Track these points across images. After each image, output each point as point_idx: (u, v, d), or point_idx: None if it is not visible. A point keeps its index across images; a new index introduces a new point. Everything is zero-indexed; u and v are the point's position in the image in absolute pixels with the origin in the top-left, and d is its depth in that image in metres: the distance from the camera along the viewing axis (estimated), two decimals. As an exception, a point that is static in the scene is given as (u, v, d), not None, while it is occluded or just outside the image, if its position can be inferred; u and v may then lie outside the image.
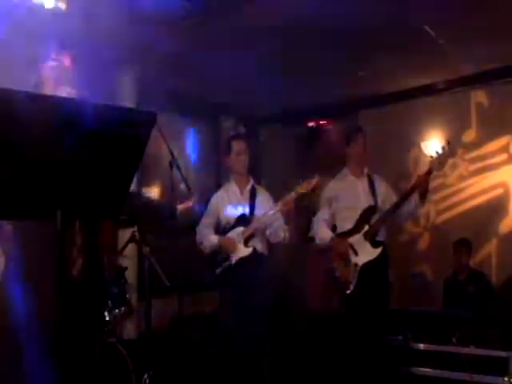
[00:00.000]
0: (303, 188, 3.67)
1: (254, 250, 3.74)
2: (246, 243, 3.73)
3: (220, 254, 3.80)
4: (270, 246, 3.96)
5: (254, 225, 3.74)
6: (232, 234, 3.77)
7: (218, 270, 3.76)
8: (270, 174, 6.92)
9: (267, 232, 3.82)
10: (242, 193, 3.91)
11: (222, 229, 3.88)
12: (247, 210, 3.83)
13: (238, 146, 3.91)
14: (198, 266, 3.96)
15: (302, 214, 4.88)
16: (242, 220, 3.79)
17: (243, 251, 3.72)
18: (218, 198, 3.96)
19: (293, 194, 3.65)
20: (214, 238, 3.82)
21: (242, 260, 3.72)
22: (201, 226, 3.94)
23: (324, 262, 4.04)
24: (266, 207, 3.84)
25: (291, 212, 3.68)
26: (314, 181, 3.70)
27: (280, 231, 3.82)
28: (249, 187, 3.93)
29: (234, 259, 3.73)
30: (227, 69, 5.08)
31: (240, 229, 3.76)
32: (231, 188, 3.95)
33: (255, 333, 3.65)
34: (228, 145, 3.96)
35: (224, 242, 3.76)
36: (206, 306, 4.93)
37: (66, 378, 1.57)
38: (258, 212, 3.82)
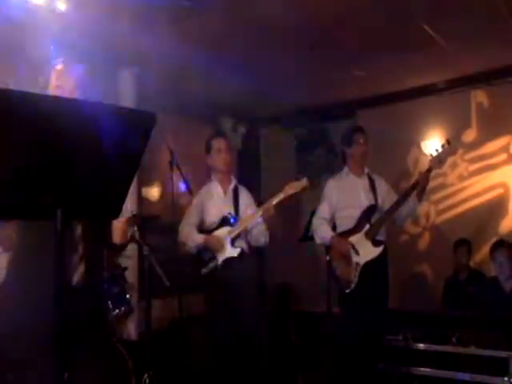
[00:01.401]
0: (288, 191, 3.66)
1: (242, 250, 3.73)
2: (232, 243, 3.71)
3: (205, 253, 3.74)
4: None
5: (240, 225, 3.71)
6: (218, 234, 3.73)
7: (205, 270, 3.71)
8: (269, 174, 6.93)
9: (248, 236, 3.81)
10: (225, 192, 3.87)
11: (205, 229, 3.82)
12: (232, 210, 3.79)
13: (218, 143, 3.87)
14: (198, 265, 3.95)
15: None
16: (227, 220, 3.75)
17: (231, 251, 3.68)
18: (200, 197, 3.89)
19: (273, 201, 3.64)
20: (199, 238, 3.73)
21: (230, 260, 3.68)
22: (183, 225, 3.84)
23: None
24: (250, 207, 3.84)
25: (271, 218, 3.68)
26: (302, 183, 3.69)
27: (261, 236, 3.81)
28: (232, 187, 3.90)
29: (220, 259, 3.69)
30: (227, 69, 5.08)
31: (226, 229, 3.72)
32: (214, 188, 3.89)
33: (249, 333, 3.63)
34: (209, 143, 3.92)
35: (211, 241, 3.69)
36: (205, 307, 4.93)
37: (67, 380, 1.57)
38: (242, 212, 3.81)
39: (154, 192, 5.62)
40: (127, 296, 4.00)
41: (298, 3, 4.00)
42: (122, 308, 3.91)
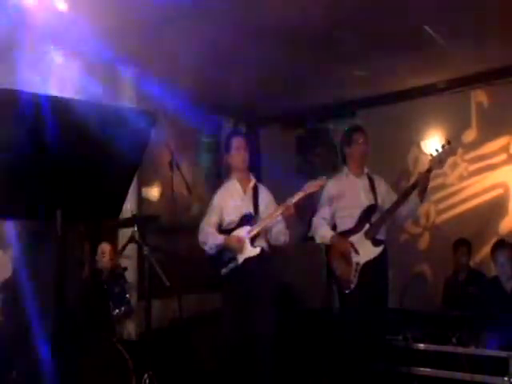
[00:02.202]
0: (307, 190, 3.66)
1: (262, 249, 3.72)
2: (252, 243, 3.71)
3: (226, 253, 3.71)
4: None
5: (260, 224, 3.70)
6: (237, 233, 3.71)
7: (224, 270, 3.68)
8: (269, 174, 6.93)
9: (268, 235, 3.80)
10: (245, 191, 3.85)
11: (225, 228, 3.81)
12: (251, 209, 3.77)
13: (237, 142, 3.88)
14: (199, 265, 3.95)
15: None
16: (247, 219, 3.73)
17: (251, 251, 3.66)
18: (220, 196, 3.88)
19: (293, 199, 3.64)
20: (219, 238, 3.71)
21: (250, 260, 3.66)
22: (204, 225, 3.82)
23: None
24: (270, 206, 3.82)
25: (291, 217, 3.67)
26: (321, 181, 3.69)
27: (281, 235, 3.80)
28: (251, 185, 3.88)
29: (241, 259, 3.67)
30: (227, 69, 5.08)
31: (246, 228, 3.70)
32: (234, 186, 3.87)
33: (263, 333, 3.62)
34: (227, 142, 3.94)
35: (232, 241, 3.66)
36: (206, 306, 4.93)
37: (71, 377, 1.58)
38: (262, 211, 3.80)
39: (154, 192, 5.62)
40: (127, 296, 4.00)
41: (299, 3, 4.00)
42: (122, 308, 3.91)
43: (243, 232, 3.70)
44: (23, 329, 1.94)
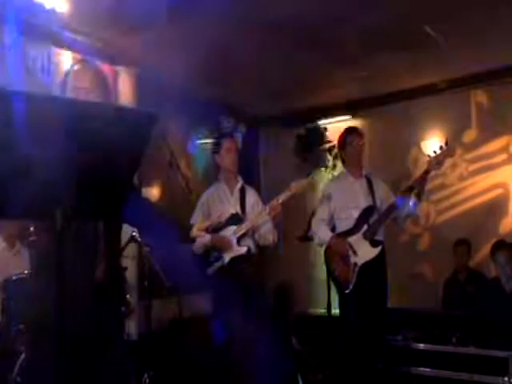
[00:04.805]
0: (294, 189, 3.66)
1: (249, 248, 3.73)
2: (238, 242, 3.73)
3: (212, 253, 3.75)
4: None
5: (247, 224, 3.73)
6: (224, 233, 3.75)
7: (211, 270, 3.72)
8: (269, 173, 6.93)
9: (256, 235, 3.82)
10: (232, 192, 3.89)
11: (212, 228, 3.82)
12: (238, 210, 3.81)
13: (227, 143, 3.91)
14: (198, 265, 3.95)
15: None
16: (234, 219, 3.77)
17: (237, 250, 3.70)
18: (207, 197, 3.92)
19: (279, 199, 3.64)
20: (205, 237, 3.72)
21: (236, 259, 3.69)
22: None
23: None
24: (256, 207, 3.84)
25: (278, 216, 3.67)
26: (308, 181, 3.69)
27: (269, 235, 3.82)
28: (238, 186, 3.91)
29: (227, 258, 3.70)
30: (227, 68, 5.08)
31: (232, 228, 3.74)
32: (221, 187, 3.92)
33: (253, 333, 3.63)
34: (217, 143, 3.95)
35: (218, 241, 3.71)
36: (205, 307, 4.93)
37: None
38: (248, 211, 3.82)
39: (154, 192, 5.61)
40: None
41: (298, 3, 4.00)
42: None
43: (230, 232, 3.73)
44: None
